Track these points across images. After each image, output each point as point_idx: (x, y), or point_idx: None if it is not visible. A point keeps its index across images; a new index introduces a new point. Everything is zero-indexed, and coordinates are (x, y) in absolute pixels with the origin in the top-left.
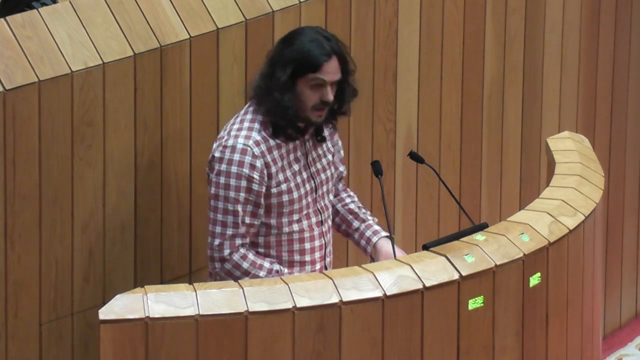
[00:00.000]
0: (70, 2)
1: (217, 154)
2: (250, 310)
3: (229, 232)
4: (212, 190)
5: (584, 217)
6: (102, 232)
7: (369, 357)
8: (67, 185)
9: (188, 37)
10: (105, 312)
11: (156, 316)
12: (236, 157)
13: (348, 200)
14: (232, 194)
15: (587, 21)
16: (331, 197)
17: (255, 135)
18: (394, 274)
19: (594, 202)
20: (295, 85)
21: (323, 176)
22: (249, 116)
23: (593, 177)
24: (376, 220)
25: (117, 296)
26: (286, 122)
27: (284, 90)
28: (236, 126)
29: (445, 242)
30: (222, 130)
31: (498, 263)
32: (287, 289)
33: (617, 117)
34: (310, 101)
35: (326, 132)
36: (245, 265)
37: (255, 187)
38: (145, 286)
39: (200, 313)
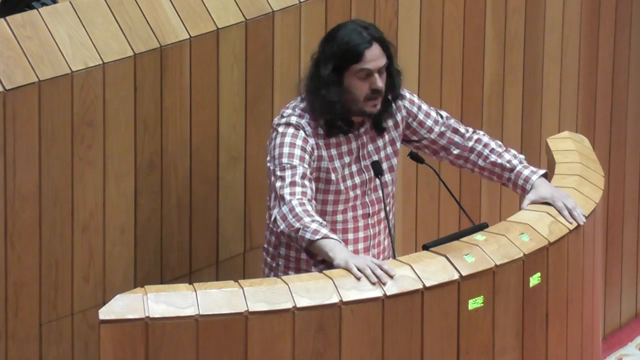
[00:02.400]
0: (70, 2)
1: (273, 131)
2: (250, 310)
3: (288, 180)
4: (271, 160)
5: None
6: (102, 232)
7: (369, 357)
8: (67, 185)
9: (188, 37)
10: (105, 312)
11: (156, 316)
12: (290, 130)
13: (485, 151)
14: (285, 159)
15: (587, 21)
16: (391, 187)
17: (306, 121)
18: (395, 274)
19: (594, 202)
20: (342, 80)
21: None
22: (301, 105)
23: (593, 177)
24: (520, 158)
25: (117, 296)
26: (336, 117)
27: (329, 86)
28: (289, 110)
29: (445, 242)
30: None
31: (498, 263)
32: (287, 289)
33: (617, 117)
34: (361, 93)
35: (390, 123)
36: (299, 209)
37: (307, 156)
38: (145, 286)
39: (200, 313)
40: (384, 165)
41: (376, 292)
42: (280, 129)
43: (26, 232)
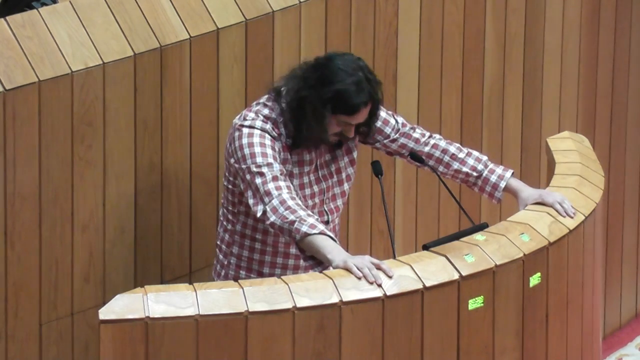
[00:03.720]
0: (70, 2)
1: (235, 133)
2: (250, 310)
3: (270, 175)
4: (241, 163)
5: (584, 217)
6: (102, 232)
7: (369, 357)
8: (67, 185)
9: (188, 37)
10: (105, 312)
11: (156, 316)
12: (256, 132)
13: (443, 157)
14: (259, 159)
15: (587, 21)
16: (342, 200)
17: (269, 126)
18: (394, 274)
19: (594, 202)
20: (324, 115)
21: (336, 179)
22: (265, 111)
23: (593, 177)
24: (485, 159)
25: (117, 296)
26: (303, 139)
27: (314, 121)
28: (251, 114)
29: (445, 242)
30: (235, 119)
31: (498, 263)
32: (287, 289)
33: (617, 117)
34: (332, 130)
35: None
36: (291, 202)
37: (277, 148)
38: (145, 286)
39: (200, 313)
40: (342, 175)
41: (376, 292)
42: (245, 130)
43: (26, 232)
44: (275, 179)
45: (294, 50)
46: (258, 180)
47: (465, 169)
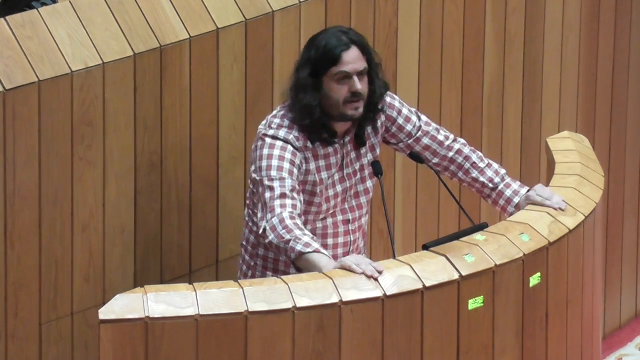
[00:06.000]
0: (70, 2)
1: (258, 142)
2: (250, 310)
3: (278, 192)
4: (258, 173)
5: (584, 217)
6: (102, 232)
7: (369, 357)
8: (67, 185)
9: (188, 37)
10: (105, 312)
11: (156, 316)
12: (278, 143)
13: (465, 164)
14: (274, 172)
15: (587, 21)
16: (366, 198)
17: (295, 134)
18: (394, 274)
19: (594, 202)
20: (321, 84)
21: (359, 176)
22: (290, 115)
23: (593, 177)
24: (503, 172)
25: (117, 296)
26: (315, 122)
27: (307, 90)
28: (277, 121)
29: (445, 242)
30: (261, 126)
31: (498, 263)
32: (287, 289)
33: (617, 117)
34: (340, 96)
35: (369, 129)
36: (289, 222)
37: (295, 170)
38: (145, 286)
39: (200, 313)
40: (365, 172)
41: (376, 292)
42: (268, 140)
43: (26, 232)
44: (283, 196)
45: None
46: (267, 195)
47: (482, 179)
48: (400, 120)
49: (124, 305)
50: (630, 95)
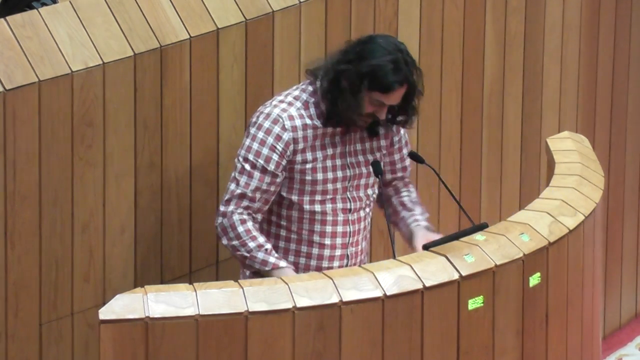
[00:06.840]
0: (70, 2)
1: (253, 118)
2: (250, 310)
3: (239, 190)
4: (240, 150)
5: (584, 217)
6: (102, 232)
7: (369, 357)
8: (67, 185)
9: (188, 37)
10: (105, 312)
11: (156, 316)
12: (266, 124)
13: (404, 194)
14: (251, 157)
15: (587, 21)
16: (368, 192)
17: (292, 111)
18: (394, 274)
19: (594, 202)
20: (359, 93)
21: (364, 170)
22: (295, 92)
23: (593, 177)
24: (425, 215)
25: (117, 296)
26: (336, 114)
27: (347, 97)
28: (280, 97)
29: (445, 242)
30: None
31: (498, 263)
32: (287, 289)
33: (617, 117)
34: (363, 110)
35: (382, 131)
36: (240, 229)
37: (275, 157)
38: (145, 286)
39: (200, 313)
40: (370, 169)
41: (376, 292)
42: (260, 119)
43: (26, 232)
44: (242, 196)
45: (294, 50)
46: (231, 186)
47: (409, 206)
48: (404, 150)
49: (124, 305)
50: (630, 95)
